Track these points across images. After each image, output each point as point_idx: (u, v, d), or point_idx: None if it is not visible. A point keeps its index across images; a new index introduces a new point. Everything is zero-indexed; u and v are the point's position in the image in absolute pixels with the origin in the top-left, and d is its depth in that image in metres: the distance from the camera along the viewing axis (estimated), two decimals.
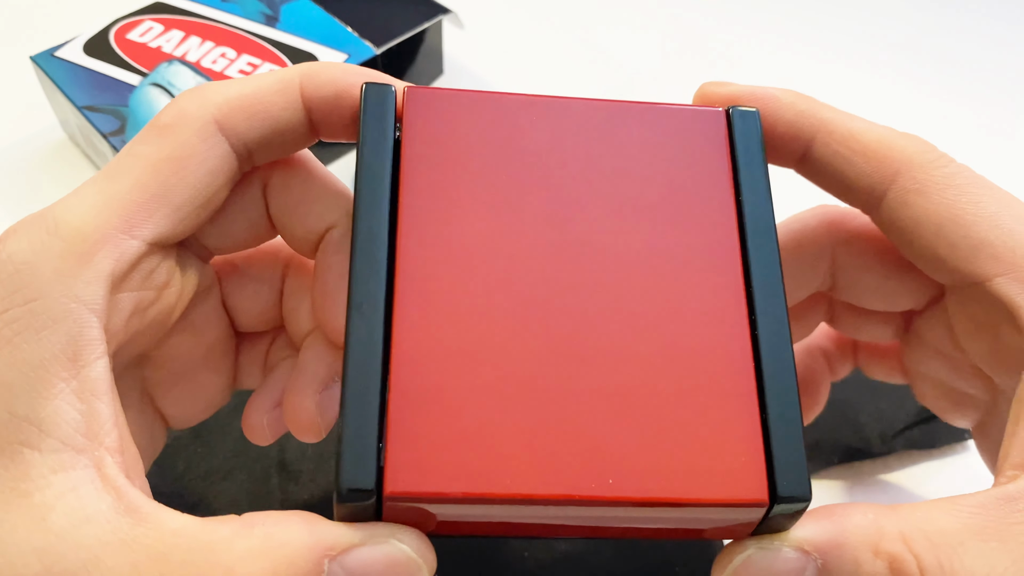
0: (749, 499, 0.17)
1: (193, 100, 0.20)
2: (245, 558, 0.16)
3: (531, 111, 0.20)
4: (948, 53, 0.55)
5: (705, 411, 0.18)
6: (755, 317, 0.19)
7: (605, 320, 0.18)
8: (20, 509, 0.16)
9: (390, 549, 0.17)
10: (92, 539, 0.16)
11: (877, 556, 0.18)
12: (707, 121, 0.21)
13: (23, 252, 0.18)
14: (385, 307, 0.18)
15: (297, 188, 0.22)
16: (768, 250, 0.19)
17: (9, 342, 0.17)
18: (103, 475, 0.17)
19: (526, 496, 0.17)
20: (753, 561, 0.18)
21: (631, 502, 0.17)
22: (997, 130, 0.50)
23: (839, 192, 0.22)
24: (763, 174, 0.20)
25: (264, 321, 0.25)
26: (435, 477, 0.16)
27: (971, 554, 0.17)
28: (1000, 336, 0.21)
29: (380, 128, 0.19)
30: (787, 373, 0.18)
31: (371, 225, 0.18)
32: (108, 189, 0.19)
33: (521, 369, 0.18)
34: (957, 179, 0.21)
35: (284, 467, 0.31)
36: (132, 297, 0.19)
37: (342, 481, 0.16)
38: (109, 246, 0.18)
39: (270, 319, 0.25)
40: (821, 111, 0.22)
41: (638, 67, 0.52)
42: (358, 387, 0.17)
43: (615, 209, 0.19)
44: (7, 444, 0.17)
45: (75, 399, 0.17)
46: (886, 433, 0.34)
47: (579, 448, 0.17)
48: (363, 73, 0.21)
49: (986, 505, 0.18)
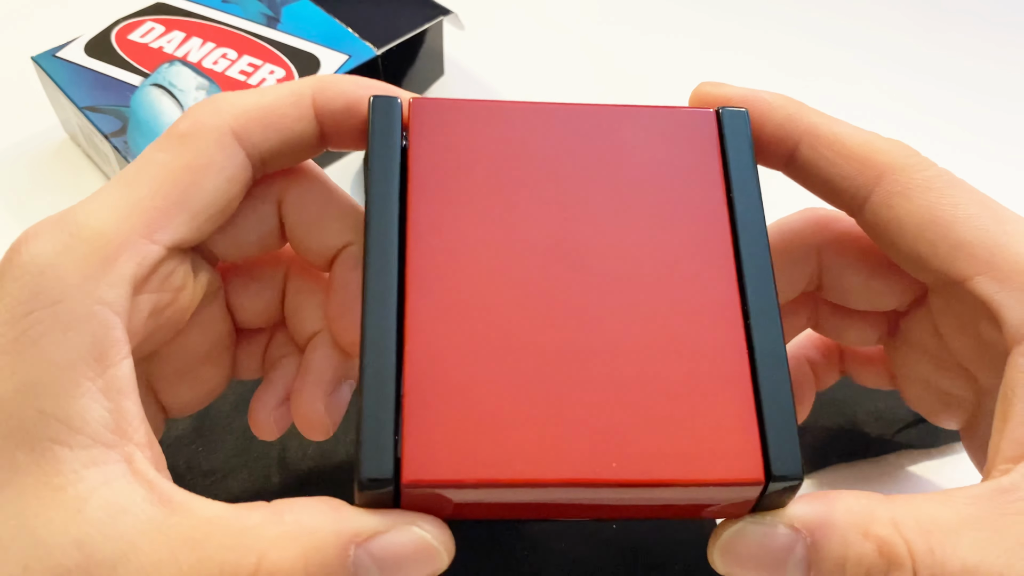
0: (745, 478, 0.18)
1: (210, 110, 0.20)
2: (276, 544, 0.17)
3: (532, 118, 0.21)
4: (934, 62, 0.55)
5: (703, 397, 0.19)
6: (747, 307, 0.20)
7: (606, 315, 0.19)
8: (55, 503, 0.17)
9: (413, 536, 0.18)
10: (129, 528, 0.17)
11: (867, 538, 0.18)
12: (699, 121, 0.22)
13: (46, 255, 0.18)
14: (397, 307, 0.19)
15: (314, 206, 0.23)
16: (758, 242, 0.20)
17: (35, 343, 0.18)
18: (134, 469, 0.18)
19: (535, 481, 0.18)
20: (745, 534, 0.19)
21: (635, 483, 0.18)
22: (976, 134, 0.50)
23: (824, 194, 0.23)
24: (752, 170, 0.21)
25: (265, 318, 0.25)
26: (449, 465, 0.17)
27: (963, 542, 0.18)
28: (981, 334, 0.22)
29: (387, 141, 0.20)
30: (778, 359, 0.19)
31: (382, 236, 0.19)
32: (130, 195, 0.19)
33: (528, 361, 0.19)
34: (937, 182, 0.21)
35: (285, 466, 0.31)
36: (151, 299, 0.20)
37: (362, 471, 0.17)
38: (131, 250, 0.19)
39: (271, 316, 0.25)
40: (808, 115, 0.22)
41: (638, 67, 0.53)
42: (375, 381, 0.18)
43: (614, 210, 0.20)
44: (37, 441, 0.17)
45: (102, 397, 0.18)
46: (885, 432, 0.34)
47: (585, 434, 0.18)
48: (372, 85, 0.21)
49: (979, 497, 0.19)
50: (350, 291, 0.23)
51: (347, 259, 0.23)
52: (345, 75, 0.22)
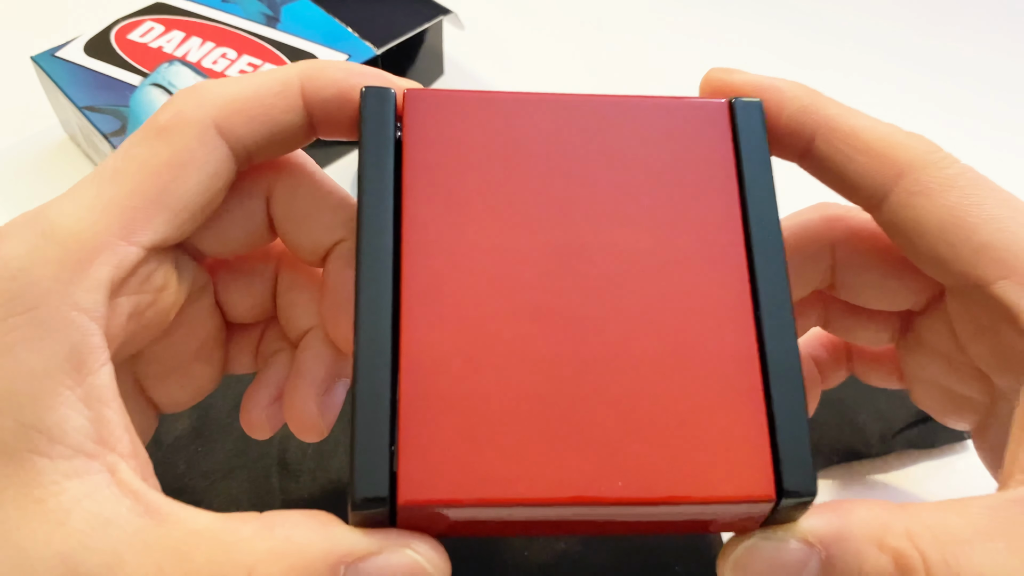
0: (756, 496, 0.17)
1: (191, 101, 0.19)
2: (265, 559, 0.17)
3: (531, 110, 0.20)
4: (955, 52, 0.55)
5: (712, 409, 0.18)
6: (760, 314, 0.19)
7: (611, 321, 0.18)
8: (37, 515, 0.16)
9: (405, 559, 0.17)
10: (114, 541, 0.16)
11: (882, 551, 0.18)
12: (710, 113, 0.20)
13: (19, 258, 0.17)
14: (392, 314, 0.18)
15: (303, 201, 0.22)
16: (772, 246, 0.19)
17: (10, 351, 0.17)
18: (118, 479, 0.17)
19: (537, 500, 0.17)
20: (757, 550, 0.18)
21: (640, 502, 0.17)
22: (1000, 128, 0.50)
23: (841, 189, 0.22)
24: (766, 166, 0.20)
25: (256, 313, 0.25)
26: (447, 484, 0.17)
27: (978, 553, 0.17)
28: (1001, 339, 0.21)
29: (380, 137, 0.19)
30: (792, 371, 0.18)
31: (375, 236, 0.18)
32: (105, 193, 0.19)
33: (529, 373, 0.18)
34: (960, 180, 0.20)
35: (285, 466, 0.31)
36: (130, 301, 0.19)
37: (356, 491, 0.17)
38: (108, 253, 0.18)
39: (262, 311, 0.25)
40: (825, 106, 0.21)
41: (639, 67, 0.52)
42: (368, 397, 0.17)
43: (619, 207, 0.19)
44: (16, 452, 0.17)
45: (82, 406, 0.17)
46: (886, 432, 0.34)
47: (589, 449, 0.17)
48: (364, 72, 0.20)
49: (996, 507, 0.18)
50: (344, 290, 0.22)
51: (341, 256, 0.22)
52: (335, 61, 0.21)
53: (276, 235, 0.23)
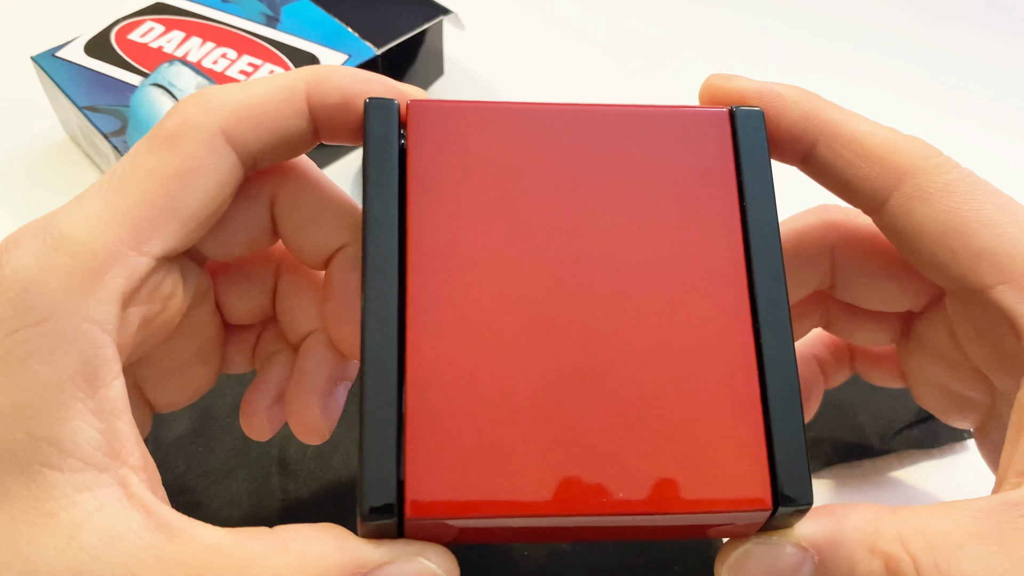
0: (753, 504, 0.18)
1: (198, 108, 0.19)
2: (281, 575, 0.17)
3: (533, 120, 0.20)
4: (954, 56, 0.55)
5: (710, 419, 0.18)
6: (758, 324, 0.19)
7: (612, 331, 0.19)
8: (48, 529, 0.16)
9: (418, 567, 0.18)
10: (126, 556, 0.16)
11: (873, 555, 0.18)
12: (711, 122, 0.21)
13: (29, 268, 0.17)
14: (398, 325, 0.18)
15: (308, 206, 0.22)
16: (771, 258, 0.19)
17: (22, 363, 0.17)
18: (129, 493, 0.17)
19: (542, 512, 0.17)
20: (752, 555, 0.19)
21: (642, 511, 0.18)
22: (1000, 132, 0.50)
23: (842, 193, 0.22)
24: (767, 176, 0.20)
25: (254, 315, 0.25)
26: (455, 495, 0.17)
27: (969, 557, 0.17)
28: (1001, 343, 0.21)
29: (384, 148, 0.19)
30: (789, 380, 0.19)
31: (381, 248, 0.19)
32: (114, 202, 0.18)
33: (533, 383, 0.18)
34: (960, 185, 0.21)
35: (285, 466, 0.31)
36: (140, 311, 0.19)
37: (365, 503, 0.17)
38: (119, 264, 0.18)
39: (261, 313, 0.25)
40: (826, 111, 0.21)
41: (640, 67, 0.52)
42: (376, 410, 0.17)
43: (621, 217, 0.20)
44: (27, 465, 0.17)
45: (94, 419, 0.17)
46: (886, 432, 0.34)
47: (590, 459, 0.18)
48: (369, 79, 0.20)
49: (988, 510, 0.18)
50: (348, 295, 0.22)
51: (344, 261, 0.22)
52: (340, 67, 0.21)
53: (278, 238, 0.23)
